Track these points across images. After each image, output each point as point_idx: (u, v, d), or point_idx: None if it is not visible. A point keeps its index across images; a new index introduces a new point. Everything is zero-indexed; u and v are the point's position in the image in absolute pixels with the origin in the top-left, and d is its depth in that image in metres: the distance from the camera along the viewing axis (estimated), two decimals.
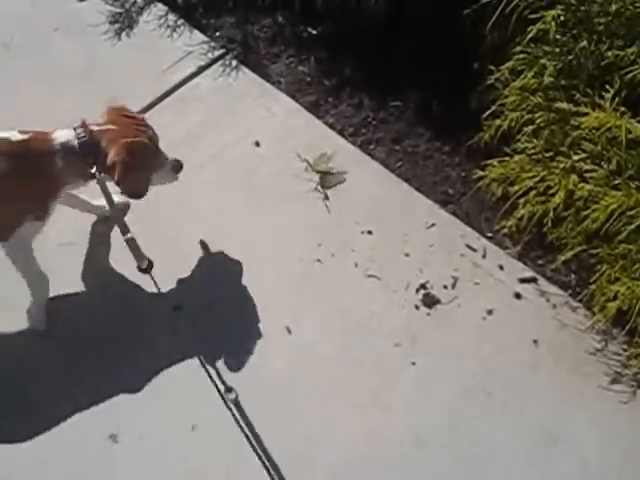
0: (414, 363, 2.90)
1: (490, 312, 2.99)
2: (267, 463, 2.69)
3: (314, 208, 3.23)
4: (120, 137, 2.70)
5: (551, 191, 2.85)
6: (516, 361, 2.90)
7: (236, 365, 2.88)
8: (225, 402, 2.77)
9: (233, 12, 3.78)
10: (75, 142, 2.68)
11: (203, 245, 3.12)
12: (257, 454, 2.70)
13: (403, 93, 3.52)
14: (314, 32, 3.71)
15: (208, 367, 2.85)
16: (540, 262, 3.10)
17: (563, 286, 3.05)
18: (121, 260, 3.00)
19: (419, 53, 3.50)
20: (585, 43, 2.94)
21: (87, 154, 2.68)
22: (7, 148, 2.63)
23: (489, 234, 3.17)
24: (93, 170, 2.68)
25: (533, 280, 3.06)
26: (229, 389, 2.76)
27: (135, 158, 2.71)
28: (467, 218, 3.21)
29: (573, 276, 3.06)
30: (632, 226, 2.68)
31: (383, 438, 2.76)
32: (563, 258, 2.91)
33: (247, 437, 2.73)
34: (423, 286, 3.05)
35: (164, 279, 2.97)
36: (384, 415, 2.80)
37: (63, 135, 2.70)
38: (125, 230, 2.75)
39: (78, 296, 3.03)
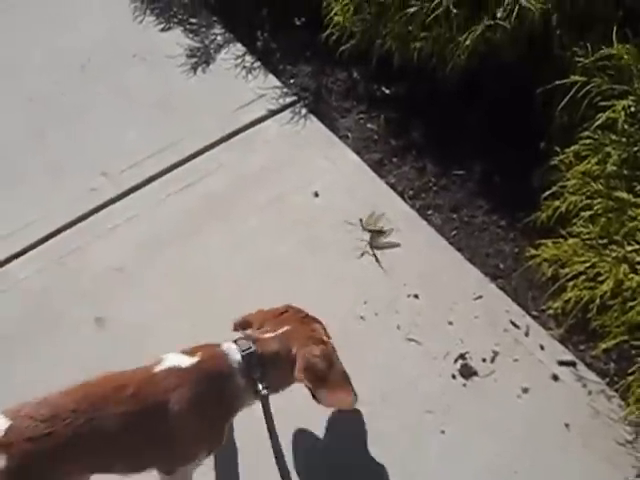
0: (443, 432, 3.16)
1: (526, 390, 3.25)
2: None
3: (365, 265, 3.54)
4: (303, 338, 2.68)
5: (600, 278, 3.12)
6: (546, 443, 3.15)
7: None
8: None
9: (310, 61, 4.14)
10: (239, 357, 2.60)
11: None
12: None
13: (468, 162, 3.83)
14: (387, 91, 4.04)
15: None
16: (582, 347, 3.36)
17: (601, 373, 3.30)
18: None
19: (489, 125, 3.81)
20: None
21: (252, 368, 2.60)
22: (180, 377, 2.55)
23: (534, 313, 3.44)
24: (260, 387, 2.60)
25: (572, 364, 3.32)
26: None
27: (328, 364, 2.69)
28: (515, 294, 3.49)
29: (612, 365, 3.31)
30: None
31: None
32: (604, 346, 3.16)
33: None
34: (462, 356, 3.33)
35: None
36: None
37: (234, 350, 2.62)
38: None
39: None
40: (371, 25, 3.74)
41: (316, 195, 3.73)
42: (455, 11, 3.46)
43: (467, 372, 3.30)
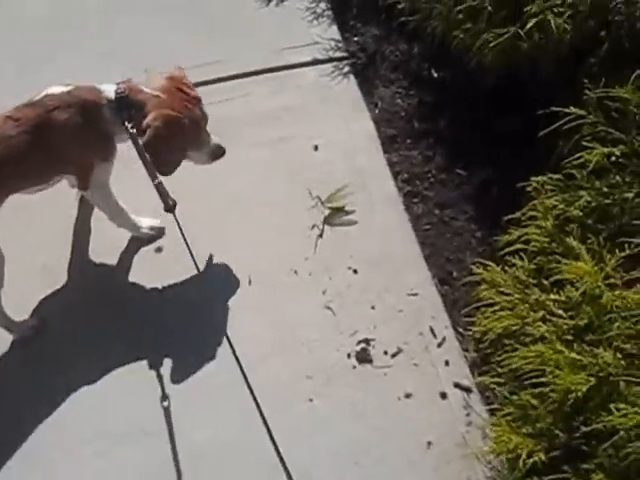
0: (312, 400, 3.13)
1: (408, 396, 3.13)
2: None
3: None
4: (164, 106, 3.01)
5: (502, 313, 2.92)
6: (400, 451, 3.02)
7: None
8: None
9: (380, 25, 4.08)
10: (112, 95, 3.03)
11: None
12: None
13: (474, 166, 3.65)
14: (435, 75, 3.92)
15: None
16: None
17: (493, 411, 3.06)
18: None
19: (512, 136, 3.56)
20: (632, 195, 2.95)
21: (122, 110, 3.01)
22: (54, 100, 3.00)
23: (461, 330, 3.27)
24: (127, 125, 3.00)
25: (467, 390, 3.14)
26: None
27: (169, 132, 3.01)
28: (452, 305, 3.33)
29: None
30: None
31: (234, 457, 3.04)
32: (478, 380, 2.98)
33: None
34: (367, 341, 3.24)
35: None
36: (254, 436, 3.04)
37: (111, 90, 3.04)
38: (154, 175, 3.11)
39: None
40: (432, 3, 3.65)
41: (315, 149, 3.72)
42: (490, 9, 3.32)
43: (363, 357, 3.22)
